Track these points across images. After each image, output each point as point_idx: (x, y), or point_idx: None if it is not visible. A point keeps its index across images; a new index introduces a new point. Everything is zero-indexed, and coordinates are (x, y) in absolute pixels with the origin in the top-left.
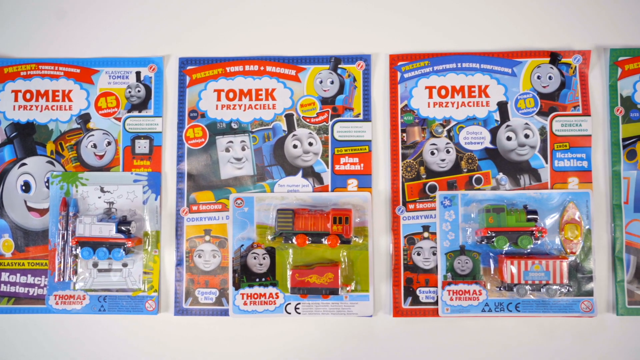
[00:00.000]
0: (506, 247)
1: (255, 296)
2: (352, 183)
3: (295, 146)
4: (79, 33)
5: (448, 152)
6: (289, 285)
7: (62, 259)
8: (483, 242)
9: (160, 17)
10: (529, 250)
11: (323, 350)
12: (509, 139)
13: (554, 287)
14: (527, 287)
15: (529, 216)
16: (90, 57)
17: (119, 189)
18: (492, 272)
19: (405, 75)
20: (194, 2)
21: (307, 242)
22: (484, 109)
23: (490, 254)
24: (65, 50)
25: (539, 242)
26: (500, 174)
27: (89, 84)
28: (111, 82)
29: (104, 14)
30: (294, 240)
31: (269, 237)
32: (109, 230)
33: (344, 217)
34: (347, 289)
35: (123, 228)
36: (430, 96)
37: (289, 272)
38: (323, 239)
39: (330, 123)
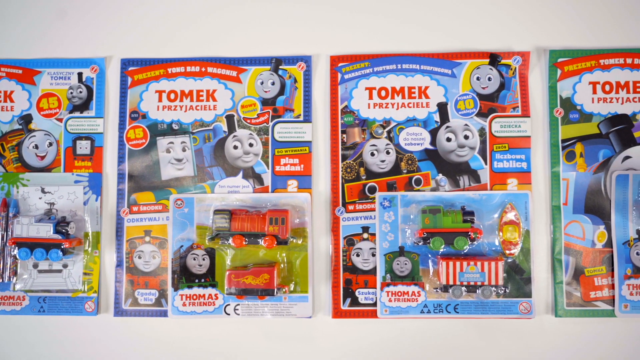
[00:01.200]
0: (442, 248)
1: (194, 297)
2: (292, 184)
3: (235, 147)
4: (21, 34)
5: (388, 153)
6: (225, 286)
7: (1, 260)
8: (420, 244)
9: (103, 18)
10: (465, 251)
11: (262, 351)
12: (448, 140)
13: (490, 288)
14: (463, 288)
15: (465, 217)
16: (32, 58)
17: (60, 190)
18: (430, 273)
19: (346, 77)
20: (136, 3)
21: (244, 243)
22: (423, 110)
23: (429, 255)
24: (7, 51)
25: (475, 243)
26: (440, 175)
27: (31, 84)
28: (53, 83)
29: (46, 14)
30: (230, 241)
31: (207, 238)
32: (46, 231)
33: (280, 218)
34: (284, 290)
35: (61, 229)
36: (371, 97)
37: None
38: (260, 240)
39: (270, 124)
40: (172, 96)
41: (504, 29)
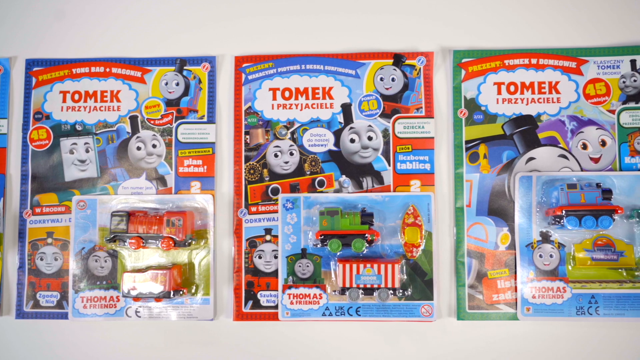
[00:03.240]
0: (339, 251)
1: (95, 299)
2: (195, 185)
3: (139, 148)
4: None
5: (292, 154)
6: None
7: None
8: (318, 246)
9: (7, 18)
10: (364, 254)
11: (163, 354)
12: (352, 141)
13: (386, 290)
14: (360, 291)
15: (363, 219)
16: None
17: None
18: (332, 275)
19: (250, 77)
20: (41, 3)
21: (142, 244)
22: (327, 110)
23: (331, 257)
24: None
25: (372, 245)
26: (343, 176)
27: None
28: None
29: None
30: (127, 243)
31: (104, 240)
32: None
33: (177, 220)
34: (181, 292)
35: None
36: (274, 98)
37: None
38: (158, 242)
39: (174, 125)
40: (77, 97)
41: (409, 29)
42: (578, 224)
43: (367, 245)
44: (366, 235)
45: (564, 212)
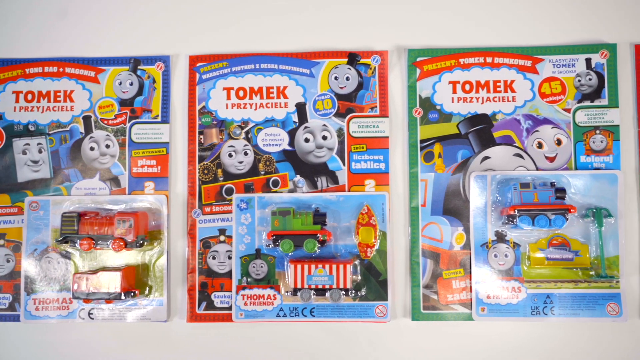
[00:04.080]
0: (291, 251)
1: (48, 301)
2: (149, 186)
3: (92, 149)
4: None
5: (246, 154)
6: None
7: None
8: (270, 246)
9: None
10: (316, 254)
11: (116, 356)
12: (307, 140)
13: (338, 291)
14: (312, 292)
15: (315, 219)
16: None
17: None
18: (286, 276)
19: (204, 77)
20: None
21: (94, 246)
22: (282, 110)
23: (285, 257)
24: None
25: (325, 245)
26: (298, 176)
27: None
28: None
29: None
30: (78, 245)
31: (55, 241)
32: None
33: (128, 221)
34: (132, 293)
35: None
36: (229, 97)
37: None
38: (109, 243)
39: (128, 125)
40: (30, 97)
41: (364, 28)
42: (531, 224)
43: (319, 245)
44: (318, 235)
45: (516, 211)
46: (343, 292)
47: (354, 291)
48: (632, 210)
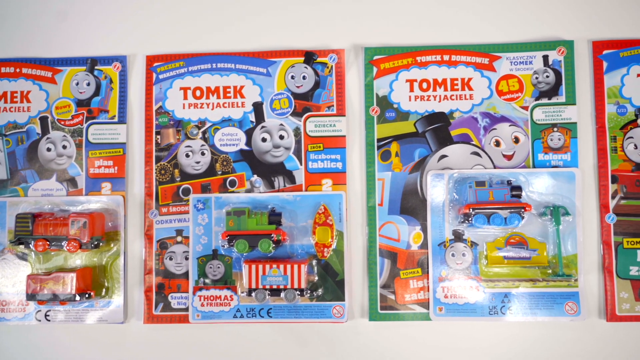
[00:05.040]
0: (246, 251)
1: (4, 303)
2: (106, 186)
3: (49, 149)
4: None
5: (203, 154)
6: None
7: None
8: (225, 247)
9: None
10: (271, 254)
11: (73, 358)
12: (264, 140)
13: (293, 291)
14: (266, 292)
15: (271, 219)
16: None
17: None
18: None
19: (161, 77)
20: None
21: (49, 247)
22: (239, 109)
23: (242, 258)
24: None
25: (280, 245)
26: (255, 176)
27: None
28: None
29: None
30: (32, 246)
31: (9, 242)
32: None
33: (82, 221)
34: (86, 295)
35: None
36: (185, 97)
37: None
38: (64, 244)
39: (85, 125)
40: None
41: (321, 26)
42: (486, 222)
43: (274, 245)
44: (272, 235)
45: (471, 210)
46: (298, 292)
47: (309, 291)
48: (591, 208)
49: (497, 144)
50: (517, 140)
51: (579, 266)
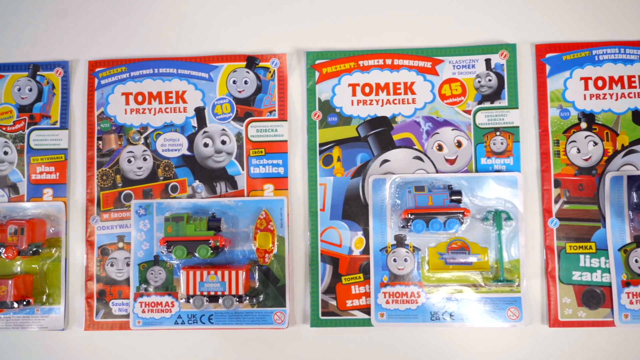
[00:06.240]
0: (184, 258)
1: None
2: (48, 192)
3: None
4: None
5: (145, 159)
6: None
7: None
8: (164, 253)
9: None
10: (210, 260)
11: None
12: (206, 145)
13: (231, 297)
14: (205, 299)
15: (209, 224)
16: None
17: None
18: None
19: (102, 82)
20: None
21: None
22: (181, 115)
23: (180, 264)
24: None
25: (220, 251)
26: (197, 181)
27: None
28: None
29: None
30: None
31: None
32: None
33: (20, 228)
34: (24, 302)
35: None
36: (127, 103)
37: None
38: (1, 251)
39: (26, 131)
40: None
41: (264, 31)
42: (425, 227)
43: (212, 251)
44: (210, 241)
45: (410, 215)
46: (236, 298)
47: (248, 297)
48: (533, 213)
49: (440, 148)
50: (459, 144)
51: (521, 271)
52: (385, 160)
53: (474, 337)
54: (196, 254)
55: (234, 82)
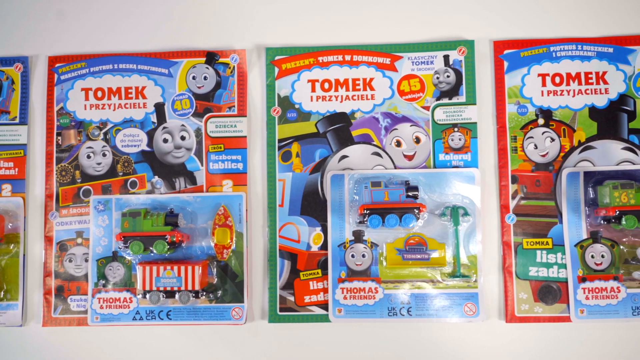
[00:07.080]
0: (141, 253)
1: None
2: (7, 188)
3: None
4: None
5: (104, 155)
6: None
7: None
8: (120, 248)
9: None
10: (167, 255)
11: None
12: (165, 141)
13: (187, 293)
14: (161, 294)
15: (167, 220)
16: None
17: None
18: None
19: (62, 77)
20: None
21: None
22: (141, 110)
23: (137, 260)
24: None
25: (177, 247)
26: (156, 177)
27: None
28: None
29: None
30: None
31: None
32: None
33: None
34: None
35: None
36: (87, 98)
37: None
38: None
39: None
40: None
41: (223, 27)
42: (381, 223)
43: (170, 247)
44: (166, 236)
45: (366, 210)
46: (192, 294)
47: (204, 293)
48: (491, 209)
49: (398, 144)
50: (418, 140)
51: (478, 267)
52: (344, 156)
53: (431, 333)
54: (153, 250)
55: (194, 77)
